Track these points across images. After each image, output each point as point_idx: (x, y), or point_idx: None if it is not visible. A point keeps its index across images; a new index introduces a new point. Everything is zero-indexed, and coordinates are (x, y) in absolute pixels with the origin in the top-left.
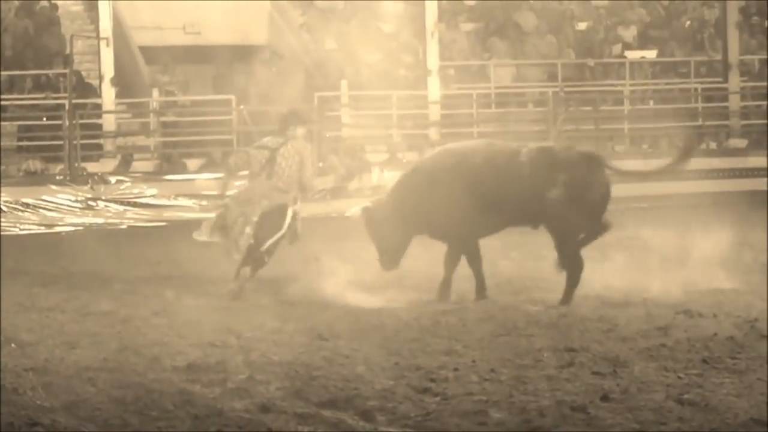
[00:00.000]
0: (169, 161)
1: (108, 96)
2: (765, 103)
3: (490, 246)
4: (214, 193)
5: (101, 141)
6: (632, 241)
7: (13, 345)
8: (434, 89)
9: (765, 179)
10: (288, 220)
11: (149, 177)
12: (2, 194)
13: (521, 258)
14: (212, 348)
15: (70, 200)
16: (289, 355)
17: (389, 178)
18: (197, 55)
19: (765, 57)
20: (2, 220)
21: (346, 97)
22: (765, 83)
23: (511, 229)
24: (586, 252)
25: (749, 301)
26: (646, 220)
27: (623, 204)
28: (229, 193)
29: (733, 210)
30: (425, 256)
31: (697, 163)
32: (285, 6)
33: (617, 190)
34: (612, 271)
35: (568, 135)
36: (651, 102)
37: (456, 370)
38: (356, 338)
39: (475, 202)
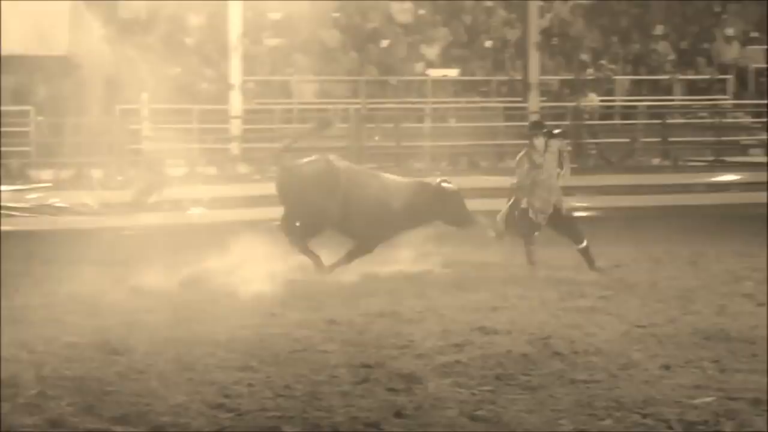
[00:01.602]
0: None
1: None
2: (562, 123)
3: (288, 261)
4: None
5: None
6: (431, 257)
7: None
8: (236, 104)
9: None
10: None
11: None
12: None
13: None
14: (3, 363)
15: None
16: (81, 370)
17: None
18: None
19: (564, 78)
20: None
21: (147, 110)
22: (563, 103)
23: (311, 247)
24: (383, 266)
25: (543, 318)
26: (442, 236)
27: None
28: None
29: None
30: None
31: (495, 181)
32: (86, 17)
33: None
34: (409, 287)
35: (371, 152)
36: (452, 120)
37: (251, 385)
38: (150, 353)
39: None
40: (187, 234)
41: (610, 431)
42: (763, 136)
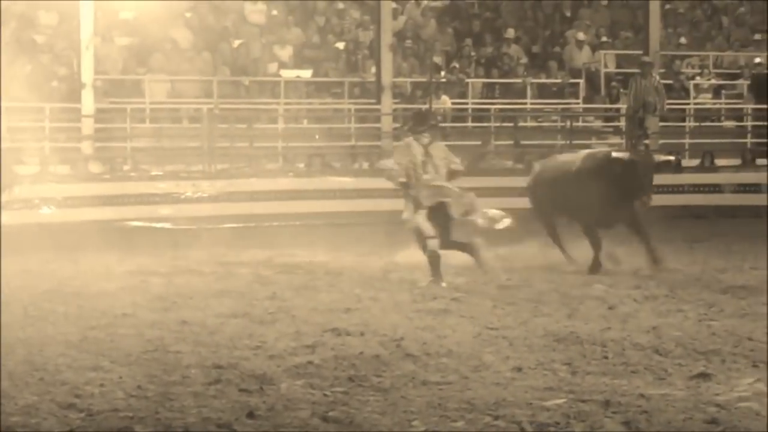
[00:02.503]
0: None
1: None
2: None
3: (139, 262)
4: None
5: None
6: (284, 258)
7: None
8: (88, 102)
9: None
10: None
11: None
12: None
13: (172, 273)
14: None
15: None
16: None
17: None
18: None
19: (417, 80)
20: None
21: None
22: (415, 105)
23: (161, 246)
24: (237, 268)
25: (395, 320)
26: (298, 238)
27: (275, 221)
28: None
29: (382, 229)
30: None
31: (348, 183)
32: None
33: (269, 207)
34: (262, 289)
35: (223, 152)
36: (305, 121)
37: (102, 385)
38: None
39: None
40: (38, 233)
41: None
42: (614, 141)
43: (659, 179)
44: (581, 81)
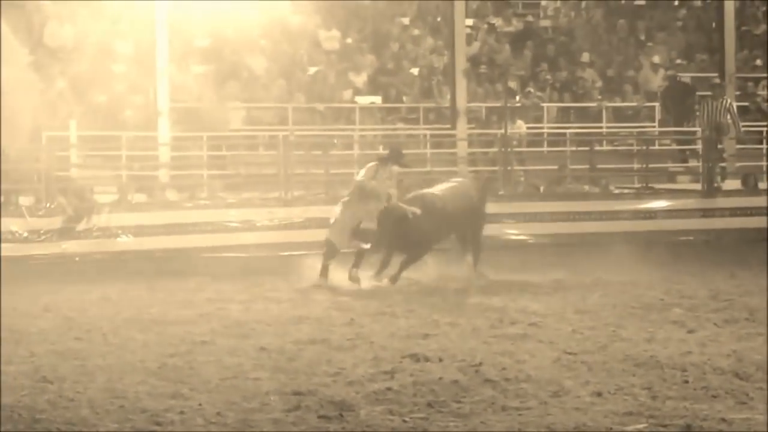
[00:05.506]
0: None
1: None
2: (491, 150)
3: (217, 289)
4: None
5: None
6: (357, 285)
7: None
8: (164, 130)
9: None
10: None
11: None
12: None
13: (250, 300)
14: None
15: None
16: (11, 398)
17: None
18: None
19: (491, 105)
20: None
21: (75, 137)
22: (491, 130)
23: (238, 273)
24: (312, 294)
25: (474, 345)
26: (373, 264)
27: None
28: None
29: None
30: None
31: None
32: (12, 43)
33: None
34: (339, 315)
35: (299, 179)
36: (380, 147)
37: (182, 413)
38: (81, 381)
39: None
40: (117, 261)
41: None
42: (690, 164)
43: (734, 203)
44: (657, 104)
